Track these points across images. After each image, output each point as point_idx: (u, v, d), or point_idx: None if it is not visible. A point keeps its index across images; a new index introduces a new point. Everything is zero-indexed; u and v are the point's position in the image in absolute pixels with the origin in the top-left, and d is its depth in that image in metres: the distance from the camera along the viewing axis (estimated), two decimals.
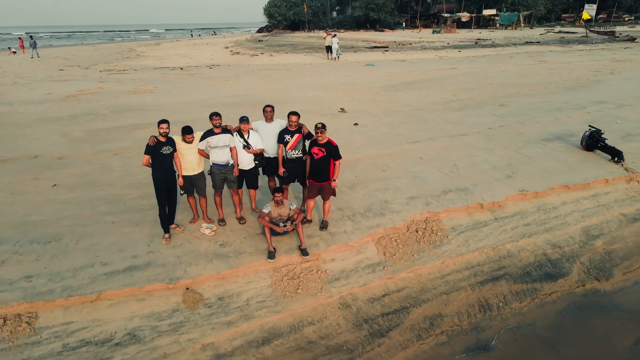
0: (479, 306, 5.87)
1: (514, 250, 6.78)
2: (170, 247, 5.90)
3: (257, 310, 5.33)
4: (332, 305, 5.55)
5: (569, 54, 26.78)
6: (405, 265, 6.19)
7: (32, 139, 10.53)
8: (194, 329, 5.00)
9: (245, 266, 5.72)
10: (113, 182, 7.88)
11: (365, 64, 23.37)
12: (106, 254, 5.70)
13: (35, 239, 5.99)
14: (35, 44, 32.04)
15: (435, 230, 6.76)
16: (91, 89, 16.38)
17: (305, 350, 5.04)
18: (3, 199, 7.16)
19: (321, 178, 6.00)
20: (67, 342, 4.70)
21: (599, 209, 7.80)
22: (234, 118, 7.38)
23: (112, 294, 5.16)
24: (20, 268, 5.41)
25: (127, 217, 6.61)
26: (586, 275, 6.51)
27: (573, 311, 5.87)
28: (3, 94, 16.00)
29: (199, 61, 26.70)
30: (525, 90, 15.53)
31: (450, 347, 5.27)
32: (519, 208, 7.51)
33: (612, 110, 12.67)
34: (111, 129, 11.29)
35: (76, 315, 4.95)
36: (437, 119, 12.05)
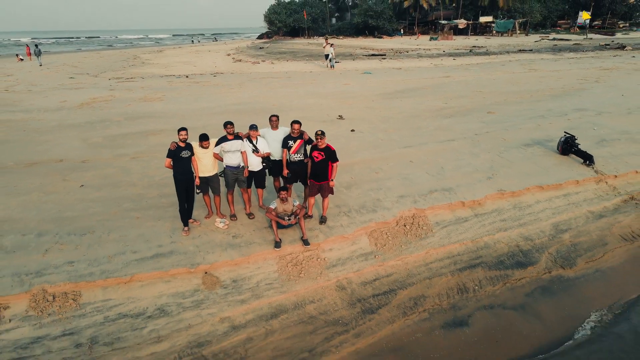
0: (457, 289, 6.78)
1: (490, 242, 7.69)
2: (189, 238, 6.80)
3: (266, 290, 6.23)
4: (329, 287, 6.45)
5: (560, 62, 27.81)
6: (394, 254, 7.09)
7: (55, 144, 11.44)
8: (212, 306, 5.90)
9: (255, 254, 6.62)
10: (134, 183, 8.78)
11: (363, 72, 24.37)
12: (134, 244, 6.61)
13: (71, 231, 6.88)
14: (39, 52, 32.80)
15: (421, 224, 7.67)
16: (103, 97, 17.34)
17: (307, 323, 5.94)
18: (38, 198, 8.06)
19: (320, 178, 6.91)
20: (107, 314, 5.59)
21: (569, 207, 8.72)
22: (240, 124, 8.32)
23: (143, 277, 6.06)
24: (62, 255, 6.30)
25: (150, 213, 7.51)
26: (553, 263, 7.41)
27: (539, 293, 6.77)
28: (20, 101, 16.94)
29: (203, 69, 27.69)
30: (513, 98, 16.49)
31: (431, 323, 6.16)
32: (497, 206, 8.43)
33: (591, 117, 13.62)
34: (126, 134, 12.21)
35: (113, 293, 5.84)
36: (429, 125, 12.98)
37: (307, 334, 5.77)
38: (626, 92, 17.07)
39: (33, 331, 5.30)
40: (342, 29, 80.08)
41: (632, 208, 8.97)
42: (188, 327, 5.62)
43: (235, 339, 5.61)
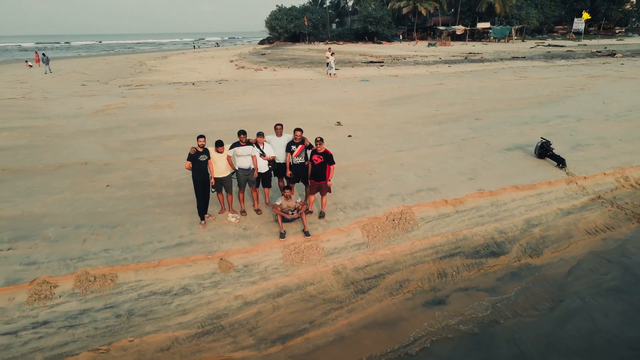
0: (438, 274, 7.83)
1: (468, 235, 8.75)
2: (206, 230, 7.88)
3: (272, 274, 7.29)
4: (327, 272, 7.51)
5: (550, 69, 28.94)
6: (383, 245, 8.16)
7: (77, 148, 12.54)
8: (228, 286, 6.97)
9: (263, 244, 7.70)
10: (153, 183, 9.87)
11: (361, 79, 25.51)
12: (159, 235, 7.68)
13: (103, 224, 7.96)
14: (47, 60, 33.63)
15: (408, 219, 8.74)
16: (116, 104, 18.47)
17: (307, 301, 7.00)
18: (71, 196, 9.15)
19: (320, 178, 7.99)
20: (140, 292, 6.66)
21: (541, 205, 9.79)
22: (247, 130, 9.45)
23: (168, 262, 7.13)
24: (98, 244, 7.38)
25: (170, 209, 8.59)
26: (522, 253, 8.48)
27: (508, 279, 7.83)
28: (39, 108, 18.08)
29: (208, 76, 28.85)
30: (501, 106, 17.59)
31: (413, 302, 7.22)
32: (476, 203, 9.50)
33: (571, 124, 14.71)
34: (142, 140, 13.31)
35: (144, 275, 6.91)
36: (420, 131, 14.07)
37: (307, 309, 6.84)
38: (608, 100, 18.17)
39: (79, 305, 6.37)
40: (342, 34, 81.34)
41: (598, 206, 10.04)
42: (208, 302, 6.69)
43: (248, 312, 6.67)
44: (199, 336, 6.23)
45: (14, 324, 6.00)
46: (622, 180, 10.95)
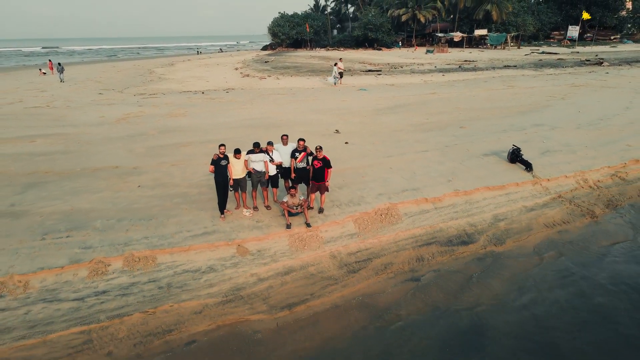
0: (416, 258, 9.51)
1: (444, 227, 10.43)
2: (225, 223, 9.58)
3: (280, 257, 8.98)
4: (325, 256, 9.20)
5: (537, 78, 30.65)
6: (372, 235, 9.85)
7: (107, 154, 14.27)
8: (245, 266, 8.66)
9: (273, 233, 9.40)
10: (178, 184, 11.58)
11: (359, 88, 27.25)
12: (187, 226, 9.39)
13: (141, 217, 9.67)
14: (62, 69, 34.83)
15: (393, 214, 10.43)
16: (135, 113, 20.24)
17: (309, 278, 8.69)
18: (110, 195, 10.86)
19: (319, 180, 9.68)
20: (176, 270, 8.35)
21: (508, 202, 11.47)
22: (255, 137, 11.20)
23: (197, 247, 8.83)
24: (139, 233, 9.09)
25: (194, 205, 10.29)
26: (488, 242, 10.16)
27: (474, 262, 9.50)
28: (64, 117, 19.85)
29: (216, 84, 30.65)
30: (485, 114, 19.29)
31: (395, 279, 8.89)
32: (452, 201, 11.19)
33: (545, 132, 16.40)
34: (163, 146, 15.04)
35: (178, 257, 8.61)
36: (409, 138, 15.78)
37: (309, 285, 8.52)
38: (583, 109, 19.86)
39: (129, 279, 8.07)
40: (343, 41, 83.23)
41: (558, 204, 11.71)
42: (229, 278, 8.38)
43: (261, 286, 8.36)
44: (224, 303, 7.92)
45: (80, 292, 7.70)
46: (581, 182, 12.63)
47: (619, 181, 12.98)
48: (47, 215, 9.75)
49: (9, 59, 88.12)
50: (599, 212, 11.60)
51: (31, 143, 15.55)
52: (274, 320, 7.72)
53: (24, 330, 6.97)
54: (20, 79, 37.67)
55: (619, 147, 14.83)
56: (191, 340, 7.20)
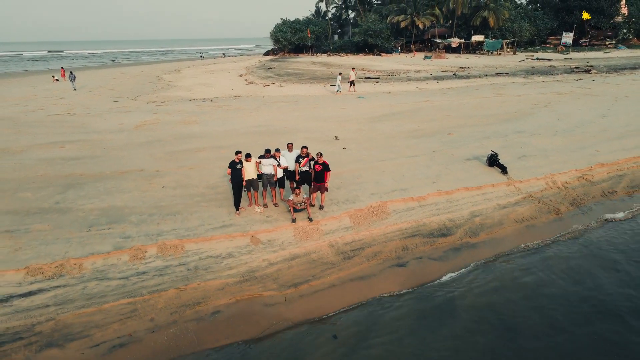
0: (402, 248, 11.22)
1: (427, 222, 12.13)
2: (240, 217, 11.30)
3: (287, 246, 10.70)
4: (324, 245, 10.91)
5: (526, 86, 32.39)
6: (365, 228, 11.56)
7: (131, 158, 16.02)
8: (257, 253, 10.38)
9: (280, 226, 11.12)
10: (197, 185, 13.32)
11: (358, 96, 29.02)
12: (208, 220, 11.12)
13: (168, 213, 11.41)
14: (74, 78, 36.01)
15: (383, 211, 12.15)
16: (151, 120, 22.02)
17: (311, 263, 10.40)
18: (139, 194, 12.60)
19: (320, 181, 11.41)
20: (200, 256, 10.07)
21: (484, 201, 13.17)
22: (262, 143, 12.94)
23: (217, 237, 10.56)
24: (168, 226, 10.82)
25: (212, 203, 12.03)
26: (464, 235, 11.87)
27: (451, 251, 11.20)
28: (87, 124, 21.63)
29: (222, 92, 32.44)
30: (472, 122, 21.01)
31: (383, 265, 10.59)
32: (435, 200, 12.90)
33: (524, 138, 18.12)
34: (180, 151, 16.78)
35: (201, 246, 10.33)
36: (401, 144, 17.51)
37: (311, 268, 10.24)
38: (563, 117, 21.58)
39: (163, 263, 9.80)
40: (343, 46, 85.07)
41: (528, 202, 13.41)
42: (245, 263, 10.11)
43: (271, 269, 10.07)
44: (241, 282, 9.64)
45: (124, 273, 9.43)
46: (550, 183, 14.33)
47: (584, 183, 14.68)
48: (89, 211, 11.51)
49: (15, 64, 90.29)
50: (564, 210, 13.30)
51: (61, 149, 17.31)
52: (282, 296, 9.43)
53: (83, 301, 8.70)
54: (35, 86, 39.54)
55: (589, 153, 16.55)
56: (216, 311, 8.92)
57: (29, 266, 9.22)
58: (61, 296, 8.72)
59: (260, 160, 11.45)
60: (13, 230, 10.51)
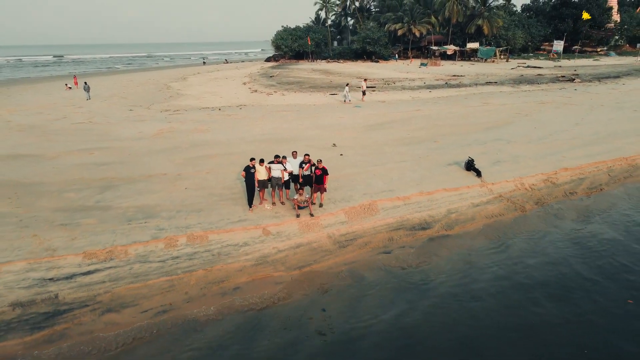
0: (388, 239, 13.45)
1: (410, 217, 14.36)
2: (253, 214, 13.54)
3: (293, 237, 12.93)
4: (323, 236, 13.14)
5: (512, 95, 34.70)
6: (357, 222, 13.79)
7: (154, 164, 18.26)
8: (269, 242, 12.61)
9: (287, 221, 13.36)
10: (214, 187, 15.57)
11: (354, 105, 31.33)
12: (227, 215, 13.36)
13: (192, 210, 13.65)
14: (88, 88, 37.49)
15: (373, 208, 14.39)
16: (167, 129, 24.30)
17: (312, 250, 12.63)
18: (166, 194, 14.82)
19: (319, 183, 13.66)
20: (222, 244, 12.30)
21: (460, 200, 15.41)
22: (270, 150, 15.12)
23: (235, 229, 12.80)
24: (194, 220, 13.05)
25: (229, 202, 14.27)
26: (441, 228, 14.10)
27: (429, 241, 13.42)
28: (108, 132, 23.90)
29: (229, 101, 34.75)
30: (457, 130, 23.28)
31: (372, 252, 12.82)
32: (418, 199, 15.14)
33: (501, 145, 20.38)
34: (196, 157, 19.04)
35: (222, 236, 12.56)
36: (392, 151, 19.76)
37: (312, 255, 12.47)
38: (539, 125, 23.86)
39: (192, 250, 12.03)
40: (342, 53, 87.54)
41: (498, 201, 15.66)
42: (259, 250, 12.34)
43: (280, 255, 12.30)
44: (256, 265, 11.87)
45: (161, 257, 11.65)
46: (519, 185, 16.58)
47: (549, 184, 16.94)
48: (126, 208, 13.76)
49: (21, 70, 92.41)
50: (529, 208, 15.55)
51: (90, 155, 19.58)
52: (289, 276, 11.65)
53: (131, 279, 10.93)
54: (50, 94, 41.81)
55: (556, 158, 18.81)
56: (237, 287, 11.14)
57: (85, 251, 11.47)
58: (113, 275, 10.96)
59: (270, 165, 13.72)
60: (67, 223, 12.76)
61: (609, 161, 18.80)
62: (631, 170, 18.53)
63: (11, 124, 26.26)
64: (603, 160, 18.77)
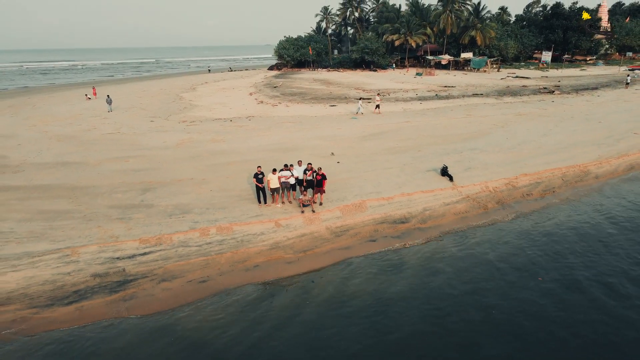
0: (374, 230, 16.96)
1: (392, 214, 17.87)
2: (267, 210, 17.06)
3: (299, 228, 16.45)
4: (323, 228, 16.65)
5: (495, 107, 38.27)
6: (350, 217, 17.31)
7: (181, 170, 21.82)
8: (280, 232, 16.13)
9: (294, 216, 16.89)
10: (233, 189, 19.12)
11: (351, 117, 34.93)
12: (246, 212, 16.91)
13: (218, 208, 17.20)
14: (110, 101, 39.76)
15: (363, 206, 17.91)
16: (188, 139, 27.89)
17: (314, 239, 16.14)
18: (196, 195, 18.36)
19: (320, 186, 17.20)
20: (244, 234, 15.82)
21: (434, 200, 18.92)
22: (276, 158, 18.68)
23: (253, 222, 16.33)
24: (220, 215, 16.60)
25: (247, 201, 17.82)
26: (417, 222, 17.62)
27: (407, 232, 16.93)
28: (137, 142, 27.50)
29: (238, 112, 38.38)
30: (439, 141, 26.82)
31: (361, 241, 16.33)
32: (399, 199, 18.66)
33: (475, 154, 23.91)
34: (216, 164, 22.60)
35: (244, 228, 16.09)
36: (382, 159, 23.30)
37: (314, 242, 15.97)
38: (511, 136, 27.39)
39: (221, 237, 15.55)
40: (342, 62, 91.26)
41: (465, 201, 19.15)
42: (272, 238, 15.86)
43: (289, 242, 15.82)
44: (270, 249, 15.39)
45: (197, 243, 15.16)
46: (484, 188, 20.09)
47: (510, 187, 20.44)
48: (165, 206, 17.32)
49: (30, 78, 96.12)
50: (490, 206, 19.05)
51: (126, 162, 23.17)
52: (296, 257, 15.16)
53: (177, 258, 14.45)
54: (73, 104, 45.45)
55: (519, 165, 22.33)
56: (256, 265, 14.64)
57: (140, 238, 15.03)
58: (163, 255, 14.49)
59: (280, 174, 17.28)
60: (121, 217, 16.33)
61: (564, 168, 22.31)
62: (582, 176, 22.03)
63: (49, 134, 29.90)
64: (559, 167, 22.29)
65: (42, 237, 14.89)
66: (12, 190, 19.10)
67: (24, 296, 12.44)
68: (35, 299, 12.38)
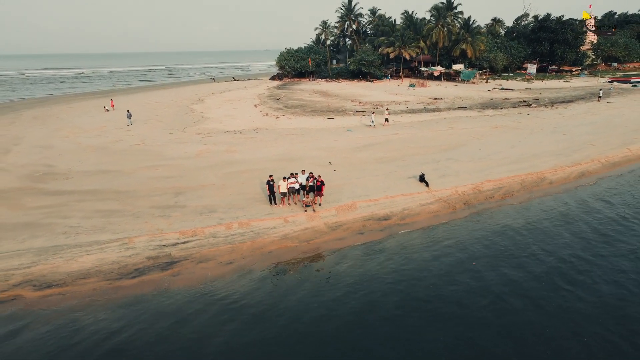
0: (362, 225, 21.25)
1: (378, 212, 22.18)
2: (277, 209, 21.39)
3: (303, 223, 20.75)
4: (321, 224, 20.95)
5: (476, 120, 42.70)
6: (343, 215, 21.61)
7: (203, 177, 26.12)
8: (288, 227, 20.44)
9: (298, 214, 21.20)
10: (248, 192, 23.45)
11: (346, 130, 39.35)
12: (260, 210, 21.22)
13: (237, 207, 21.51)
14: (130, 115, 43.01)
15: (354, 206, 22.23)
16: (205, 150, 32.24)
17: (314, 232, 20.44)
18: (219, 198, 22.70)
19: (319, 190, 21.54)
20: (259, 227, 20.13)
21: (412, 201, 23.25)
22: (282, 167, 23.05)
23: (267, 219, 20.64)
24: (240, 213, 20.91)
25: (260, 202, 22.14)
26: (397, 219, 21.92)
27: (389, 227, 21.24)
28: (162, 152, 31.84)
29: (245, 124, 42.78)
30: (421, 152, 31.19)
31: (352, 233, 20.62)
32: (384, 201, 22.98)
33: (450, 163, 28.28)
34: (232, 172, 26.93)
35: (259, 223, 20.40)
36: (371, 167, 27.65)
37: (314, 234, 20.25)
38: (484, 147, 31.78)
39: (242, 230, 19.84)
40: (340, 73, 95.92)
41: (438, 202, 23.48)
42: (282, 231, 20.14)
43: (295, 234, 20.10)
44: (281, 239, 19.67)
45: (224, 234, 19.45)
46: (454, 191, 24.43)
47: (476, 191, 24.79)
48: (195, 207, 21.65)
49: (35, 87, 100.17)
50: (458, 207, 23.39)
51: (156, 170, 27.51)
52: (301, 245, 19.45)
53: (209, 247, 18.72)
54: (94, 116, 49.74)
55: (486, 173, 26.70)
56: (270, 251, 18.92)
57: (180, 231, 19.34)
58: (199, 243, 18.79)
59: (289, 179, 21.64)
60: (162, 215, 20.66)
61: (523, 175, 26.69)
62: (538, 182, 26.41)
63: (82, 145, 34.26)
64: (519, 174, 26.66)
65: (104, 229, 19.20)
66: (68, 194, 23.43)
67: (98, 272, 16.74)
68: (107, 274, 16.68)
